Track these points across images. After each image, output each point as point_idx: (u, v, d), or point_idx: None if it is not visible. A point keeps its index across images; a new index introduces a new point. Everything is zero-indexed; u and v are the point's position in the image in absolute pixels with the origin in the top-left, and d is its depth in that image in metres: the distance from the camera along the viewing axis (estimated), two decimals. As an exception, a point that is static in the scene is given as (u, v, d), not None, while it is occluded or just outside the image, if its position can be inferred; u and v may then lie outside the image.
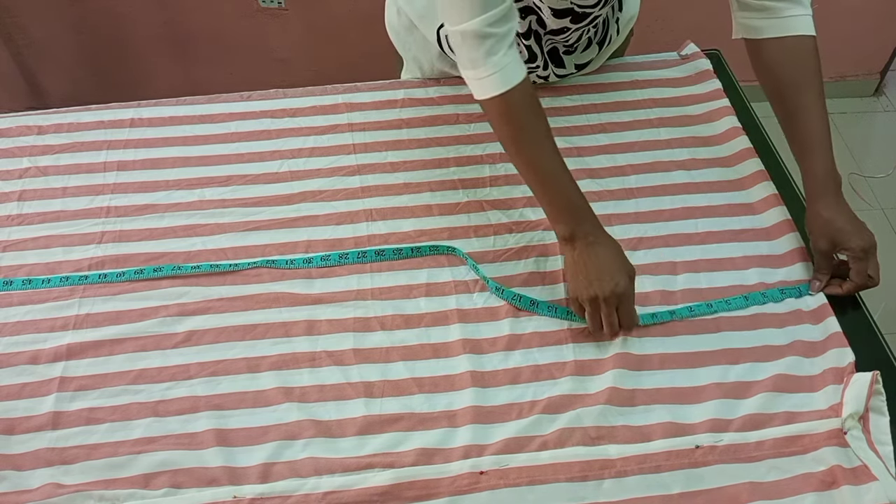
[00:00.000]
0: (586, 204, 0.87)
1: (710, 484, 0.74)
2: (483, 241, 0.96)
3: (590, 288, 0.84)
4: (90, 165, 1.06)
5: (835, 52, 2.20)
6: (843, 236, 0.86)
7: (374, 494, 0.73)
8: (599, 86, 1.16)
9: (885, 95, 2.35)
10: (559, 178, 0.86)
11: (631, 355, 0.84)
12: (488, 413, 0.80)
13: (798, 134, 0.91)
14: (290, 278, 0.93)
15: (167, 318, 0.89)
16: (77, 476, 0.76)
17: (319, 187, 1.03)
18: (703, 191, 1.01)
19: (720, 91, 1.14)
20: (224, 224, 0.99)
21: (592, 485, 0.74)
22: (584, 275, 0.85)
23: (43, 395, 0.82)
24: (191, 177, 1.05)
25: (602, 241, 0.86)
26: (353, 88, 1.17)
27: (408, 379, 0.83)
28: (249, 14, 2.01)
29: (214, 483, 0.75)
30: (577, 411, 0.79)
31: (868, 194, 2.07)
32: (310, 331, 0.88)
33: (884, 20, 2.13)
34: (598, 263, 0.84)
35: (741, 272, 0.92)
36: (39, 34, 2.04)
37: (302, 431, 0.79)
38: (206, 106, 1.15)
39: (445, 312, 0.89)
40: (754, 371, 0.82)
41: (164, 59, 2.11)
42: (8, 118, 1.13)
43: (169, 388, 0.83)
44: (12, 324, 0.89)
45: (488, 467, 0.75)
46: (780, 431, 0.77)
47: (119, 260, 0.95)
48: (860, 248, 0.85)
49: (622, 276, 0.84)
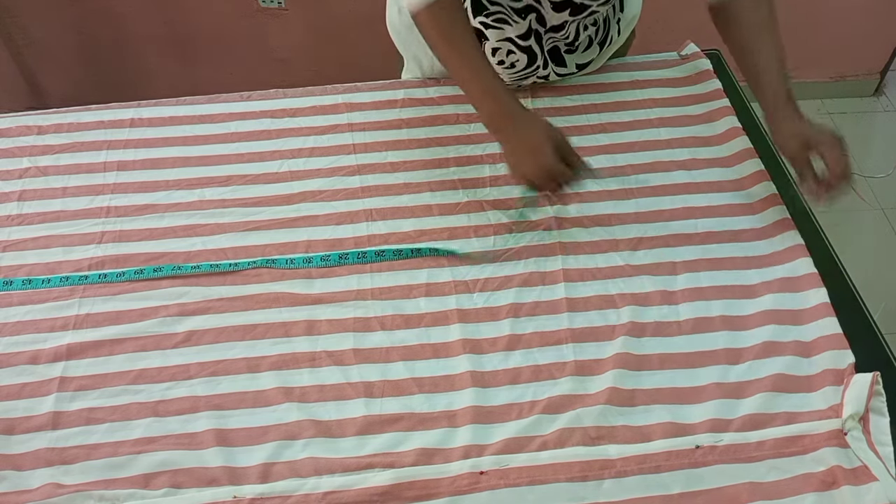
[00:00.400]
0: (511, 94, 0.93)
1: (710, 484, 0.74)
2: (483, 241, 0.96)
3: (524, 173, 0.92)
4: (90, 165, 1.06)
5: (835, 52, 2.20)
6: (812, 135, 0.91)
7: (374, 494, 0.73)
8: (599, 86, 1.16)
9: (885, 95, 2.35)
10: (484, 71, 0.92)
11: (631, 355, 0.84)
12: (488, 413, 0.80)
13: (752, 67, 0.97)
14: (290, 278, 0.93)
15: (167, 318, 0.89)
16: (77, 476, 0.76)
17: (319, 187, 1.03)
18: (703, 191, 1.01)
19: (720, 91, 1.14)
20: (224, 224, 0.99)
21: (592, 485, 0.74)
22: (516, 160, 0.92)
23: (43, 395, 0.82)
24: (191, 177, 1.05)
25: (526, 123, 0.91)
26: (353, 88, 1.17)
27: (408, 379, 0.83)
28: (249, 14, 2.01)
29: (214, 483, 0.75)
30: (577, 411, 0.79)
31: (868, 194, 2.07)
32: (310, 331, 0.88)
33: (884, 20, 2.13)
34: (525, 148, 0.91)
35: (741, 272, 0.92)
36: (39, 34, 2.04)
37: (302, 431, 0.79)
38: (206, 106, 1.15)
39: (445, 312, 0.89)
40: (754, 371, 0.82)
41: (164, 59, 2.12)
42: (8, 118, 1.13)
43: (169, 388, 0.83)
44: (12, 324, 0.89)
45: (488, 467, 0.75)
46: (781, 432, 0.77)
47: (119, 260, 0.95)
48: (830, 139, 0.89)
49: (551, 158, 0.89)
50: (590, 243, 0.95)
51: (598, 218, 0.98)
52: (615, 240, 0.95)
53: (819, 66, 2.24)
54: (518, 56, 1.05)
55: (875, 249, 1.97)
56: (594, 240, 0.96)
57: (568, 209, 0.99)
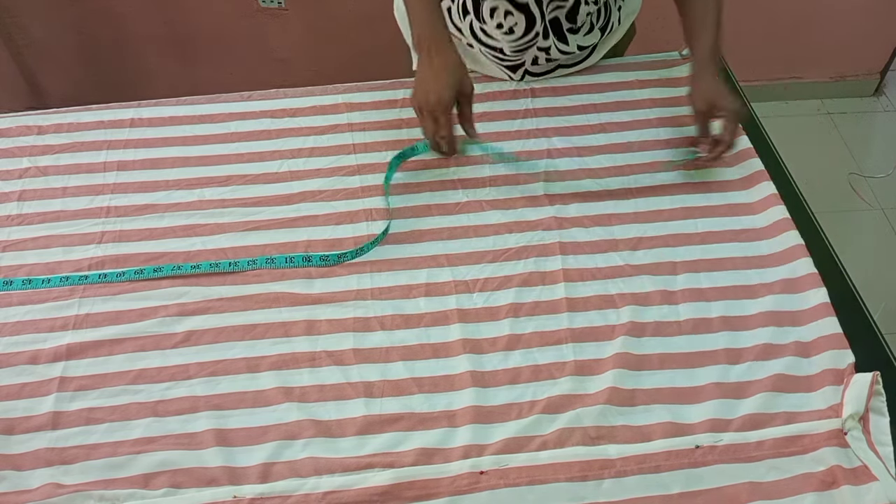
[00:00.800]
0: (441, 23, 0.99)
1: (710, 484, 0.74)
2: (483, 241, 0.96)
3: (416, 96, 0.95)
4: (90, 165, 1.06)
5: (835, 52, 2.20)
6: (719, 98, 0.98)
7: (374, 494, 0.73)
8: (599, 86, 1.16)
9: (885, 95, 2.35)
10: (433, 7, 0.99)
11: (631, 355, 0.84)
12: (488, 413, 0.80)
13: (687, 20, 1.04)
14: (290, 278, 0.93)
15: (167, 318, 0.89)
16: (77, 476, 0.76)
17: (319, 187, 1.03)
18: (702, 191, 1.01)
19: (720, 91, 1.14)
20: (224, 224, 0.99)
21: (592, 485, 0.74)
22: (418, 83, 0.96)
23: (43, 395, 0.82)
24: (190, 177, 1.05)
25: (442, 54, 0.96)
26: (353, 88, 1.17)
27: (408, 379, 0.83)
28: (249, 14, 2.01)
29: (214, 483, 0.75)
30: (576, 411, 0.79)
31: (868, 194, 2.07)
32: (309, 331, 0.88)
33: (884, 20, 2.13)
34: (430, 74, 0.95)
35: (741, 272, 0.92)
36: (39, 34, 2.04)
37: (302, 431, 0.79)
38: (206, 106, 1.15)
39: (445, 312, 0.89)
40: (754, 371, 0.82)
41: (164, 59, 2.11)
42: (8, 118, 1.13)
43: (168, 388, 0.83)
44: (12, 324, 0.89)
45: (488, 467, 0.75)
46: (780, 431, 0.77)
47: (119, 260, 0.95)
48: (732, 109, 0.97)
49: (447, 91, 0.93)
50: (590, 243, 0.95)
51: (598, 218, 0.98)
52: (615, 240, 0.95)
53: (819, 66, 2.24)
54: (516, 18, 1.05)
55: (875, 249, 1.97)
56: (594, 240, 0.96)
57: (568, 209, 0.99)
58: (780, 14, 2.08)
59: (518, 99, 1.14)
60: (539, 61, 1.12)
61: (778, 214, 0.97)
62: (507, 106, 1.13)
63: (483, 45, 1.12)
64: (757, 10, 2.05)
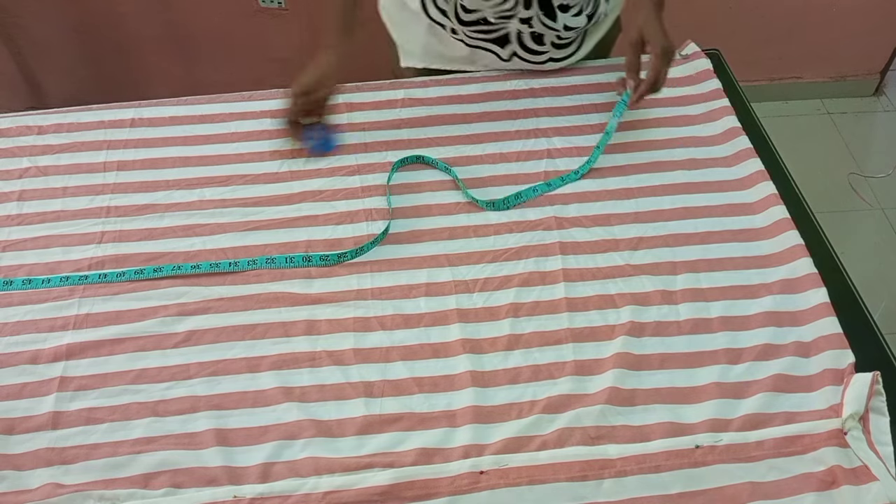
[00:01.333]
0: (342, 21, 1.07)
1: (710, 484, 0.74)
2: (483, 241, 0.96)
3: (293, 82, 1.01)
4: (90, 165, 1.06)
5: (835, 52, 2.20)
6: (652, 33, 0.98)
7: (374, 494, 0.73)
8: (599, 86, 1.16)
9: (885, 95, 2.35)
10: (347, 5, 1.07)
11: (631, 355, 0.84)
12: (488, 413, 0.80)
13: None
14: (290, 278, 0.93)
15: (167, 318, 0.89)
16: (77, 476, 0.76)
17: (319, 187, 1.03)
18: (702, 191, 1.01)
19: (720, 91, 1.14)
20: (224, 224, 0.99)
21: (592, 485, 0.74)
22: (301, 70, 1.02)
23: (43, 395, 0.82)
24: (190, 177, 1.05)
25: (327, 51, 1.04)
26: (353, 88, 1.17)
27: (407, 379, 0.83)
28: (249, 14, 2.01)
29: (214, 483, 0.75)
30: (576, 411, 0.79)
31: (868, 194, 2.07)
32: (309, 331, 0.88)
33: (884, 20, 2.13)
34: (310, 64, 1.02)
35: (741, 272, 0.92)
36: (39, 34, 2.04)
37: (302, 431, 0.79)
38: (206, 106, 1.15)
39: (445, 312, 0.89)
40: (754, 371, 0.82)
41: (165, 59, 2.11)
42: (8, 118, 1.13)
43: (169, 388, 0.83)
44: (12, 324, 0.89)
45: (488, 467, 0.75)
46: (780, 431, 0.77)
47: (119, 260, 0.95)
48: (663, 46, 0.98)
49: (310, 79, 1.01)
50: (590, 243, 0.95)
51: (598, 218, 0.98)
52: (615, 240, 0.95)
53: (819, 66, 2.24)
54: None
55: (875, 249, 1.97)
56: (594, 240, 0.96)
57: (568, 209, 0.99)
58: (780, 14, 2.08)
59: (518, 99, 1.14)
60: (524, 38, 1.10)
61: (778, 214, 0.97)
62: (507, 106, 1.13)
63: (467, 26, 1.10)
64: (757, 10, 2.05)
